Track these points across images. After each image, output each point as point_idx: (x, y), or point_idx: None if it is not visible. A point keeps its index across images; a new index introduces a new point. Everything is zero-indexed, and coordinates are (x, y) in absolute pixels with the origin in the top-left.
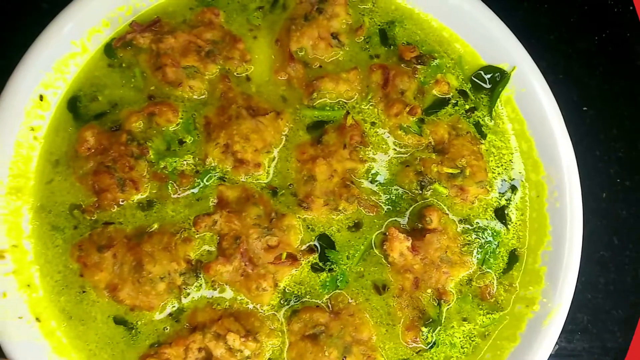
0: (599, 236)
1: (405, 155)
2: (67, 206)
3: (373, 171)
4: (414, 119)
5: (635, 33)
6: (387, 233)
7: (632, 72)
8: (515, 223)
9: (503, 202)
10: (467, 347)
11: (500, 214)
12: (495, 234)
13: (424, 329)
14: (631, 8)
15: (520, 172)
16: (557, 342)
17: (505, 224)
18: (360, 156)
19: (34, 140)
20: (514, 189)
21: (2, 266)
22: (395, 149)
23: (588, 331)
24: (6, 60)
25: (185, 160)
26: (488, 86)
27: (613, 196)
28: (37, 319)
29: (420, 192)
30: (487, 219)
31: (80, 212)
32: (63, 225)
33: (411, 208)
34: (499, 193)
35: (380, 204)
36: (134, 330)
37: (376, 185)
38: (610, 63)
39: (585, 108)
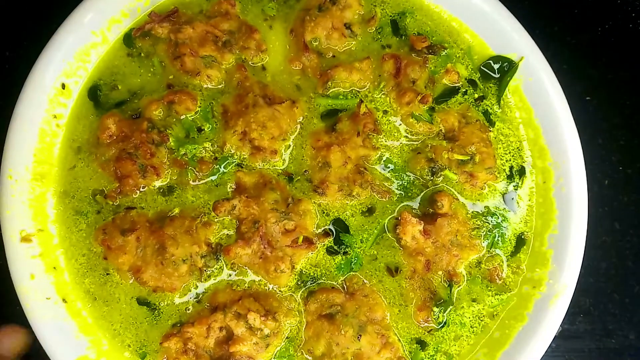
0: (601, 222)
1: (417, 143)
2: (90, 192)
3: (385, 158)
4: (425, 107)
5: (637, 25)
6: (399, 217)
7: (633, 62)
8: (523, 208)
9: (511, 188)
10: (476, 327)
11: (508, 199)
12: (503, 218)
13: (435, 309)
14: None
15: (527, 159)
16: (560, 325)
17: (513, 208)
18: (373, 143)
19: (57, 128)
20: (521, 175)
21: (29, 249)
22: (407, 137)
23: (590, 314)
24: (29, 50)
25: (204, 148)
26: (496, 75)
27: (615, 183)
28: (64, 300)
29: (431, 178)
30: (495, 204)
31: (103, 197)
32: (86, 210)
33: (422, 193)
34: (507, 179)
35: (392, 189)
36: (156, 311)
37: (388, 172)
38: (612, 53)
39: (588, 97)
